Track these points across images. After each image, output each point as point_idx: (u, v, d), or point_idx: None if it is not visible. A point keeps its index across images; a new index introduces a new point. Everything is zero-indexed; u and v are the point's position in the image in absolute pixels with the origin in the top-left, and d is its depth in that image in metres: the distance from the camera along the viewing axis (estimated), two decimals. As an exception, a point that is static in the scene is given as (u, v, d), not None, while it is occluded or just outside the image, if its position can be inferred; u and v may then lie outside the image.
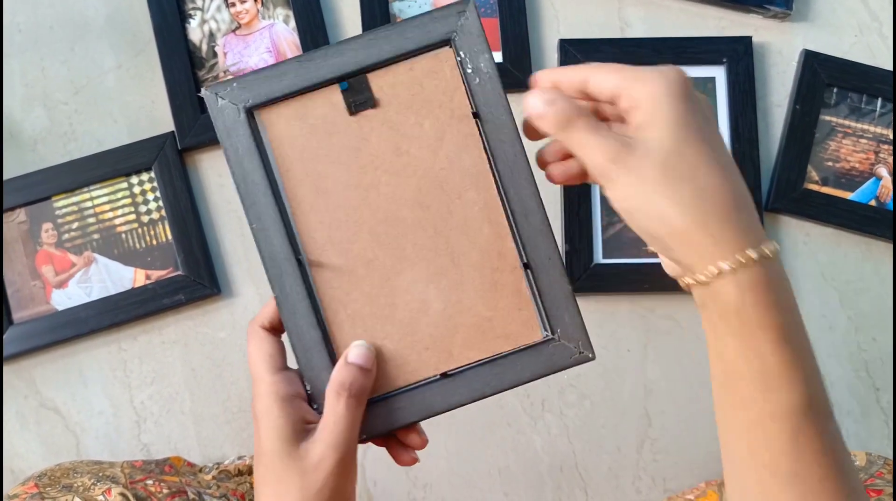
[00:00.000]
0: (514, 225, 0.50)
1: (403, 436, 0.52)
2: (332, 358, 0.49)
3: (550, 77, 0.47)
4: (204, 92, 0.49)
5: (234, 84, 0.49)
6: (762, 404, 0.42)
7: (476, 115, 0.50)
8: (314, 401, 0.49)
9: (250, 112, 0.49)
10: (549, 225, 0.50)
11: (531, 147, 0.49)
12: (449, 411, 0.50)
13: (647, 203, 0.41)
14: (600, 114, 0.49)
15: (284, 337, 0.50)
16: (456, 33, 0.50)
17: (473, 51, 0.50)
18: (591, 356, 0.50)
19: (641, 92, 0.42)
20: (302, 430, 0.47)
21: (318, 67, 0.49)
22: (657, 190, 0.41)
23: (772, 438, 0.42)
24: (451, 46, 0.50)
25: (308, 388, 0.49)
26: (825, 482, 0.41)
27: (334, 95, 0.50)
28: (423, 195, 0.50)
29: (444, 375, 0.50)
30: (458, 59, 0.50)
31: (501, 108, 0.50)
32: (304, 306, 0.49)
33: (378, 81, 0.50)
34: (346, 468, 0.47)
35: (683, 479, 0.93)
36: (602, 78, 0.44)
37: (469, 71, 0.50)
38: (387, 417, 0.49)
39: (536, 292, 0.50)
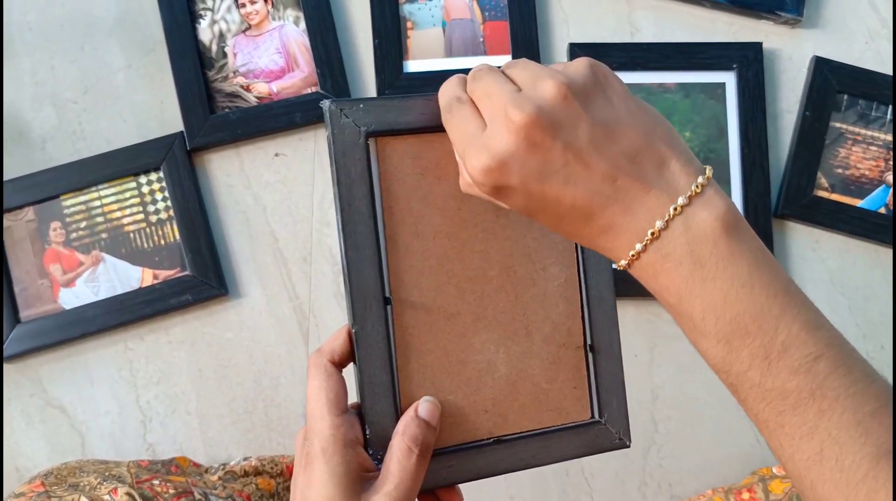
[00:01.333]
0: (586, 307, 0.51)
1: (443, 494, 0.51)
2: (396, 406, 0.48)
3: None
4: (327, 105, 0.46)
5: (361, 105, 0.47)
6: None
7: None
8: (371, 447, 0.47)
9: (368, 138, 0.47)
10: (617, 314, 0.51)
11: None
12: (493, 476, 0.50)
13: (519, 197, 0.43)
14: None
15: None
16: None
17: None
18: (628, 443, 0.51)
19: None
20: (361, 479, 0.45)
21: None
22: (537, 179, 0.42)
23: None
24: None
25: (367, 432, 0.47)
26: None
27: (451, 143, 0.48)
28: (512, 261, 0.50)
29: (497, 440, 0.50)
30: None
31: None
32: (382, 347, 0.47)
33: None
34: None
35: (689, 484, 0.93)
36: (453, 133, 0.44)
37: None
38: (436, 473, 0.49)
39: (593, 375, 0.51)
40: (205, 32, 0.96)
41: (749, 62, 0.97)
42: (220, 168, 0.96)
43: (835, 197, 0.96)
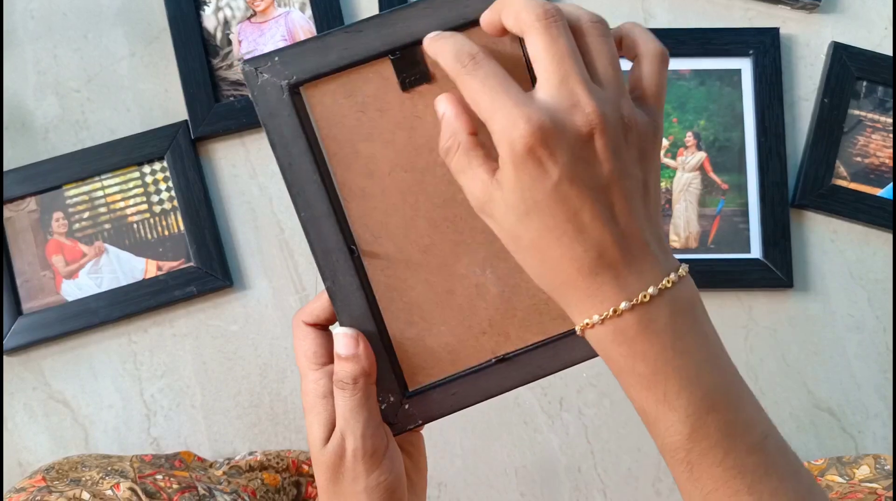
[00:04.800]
0: None
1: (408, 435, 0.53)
2: (388, 349, 0.48)
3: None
4: (242, 66, 0.44)
5: (276, 58, 0.44)
6: (655, 440, 0.43)
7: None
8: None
9: (294, 89, 0.45)
10: None
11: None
12: (503, 393, 0.49)
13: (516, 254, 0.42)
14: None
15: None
16: None
17: None
18: None
19: (496, 139, 0.39)
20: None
21: (367, 38, 0.45)
22: (514, 252, 0.42)
23: (674, 473, 0.43)
24: None
25: None
26: None
27: (385, 69, 0.45)
28: None
29: (501, 359, 0.48)
30: None
31: None
32: (358, 297, 0.47)
33: None
34: (370, 460, 0.46)
35: (704, 481, 0.91)
36: (474, 97, 0.40)
37: None
38: (442, 402, 0.48)
39: None
40: (209, 20, 0.95)
41: (766, 48, 0.94)
42: (226, 158, 0.95)
43: (853, 186, 0.94)
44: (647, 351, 0.40)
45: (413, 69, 0.45)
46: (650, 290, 0.40)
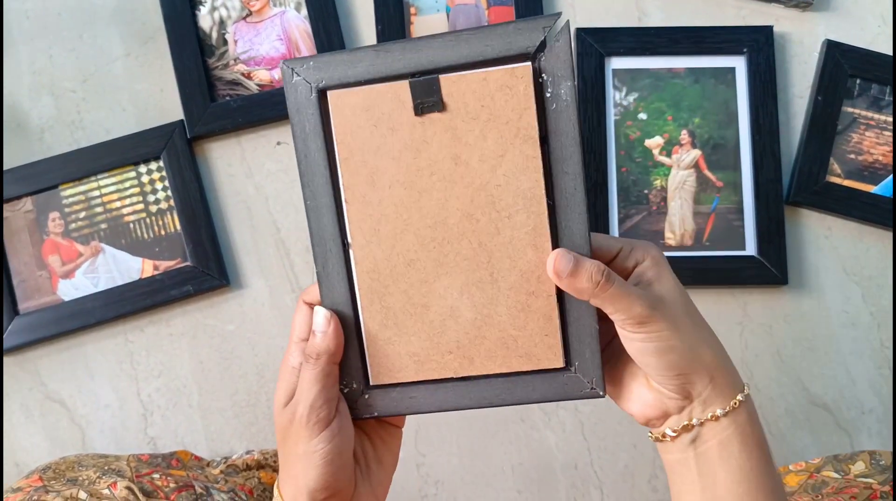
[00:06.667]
0: None
1: (389, 419, 0.56)
2: (360, 340, 0.51)
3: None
4: (282, 65, 0.50)
5: (311, 63, 0.49)
6: None
7: (544, 140, 0.49)
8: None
9: (322, 93, 0.49)
10: None
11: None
12: (457, 410, 0.52)
13: (682, 343, 0.48)
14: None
15: None
16: (543, 54, 0.48)
17: (557, 75, 0.48)
18: (601, 393, 0.52)
19: (646, 254, 0.50)
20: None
21: (393, 59, 0.49)
22: (690, 332, 0.49)
23: None
24: (532, 64, 0.49)
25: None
26: None
27: (403, 93, 0.49)
28: (474, 208, 0.50)
29: (462, 378, 0.52)
30: (540, 80, 0.49)
31: (572, 139, 0.49)
32: (343, 287, 0.51)
33: (449, 86, 0.49)
34: (312, 428, 0.50)
35: (700, 478, 0.91)
36: (605, 242, 0.51)
37: (548, 95, 0.49)
38: (400, 402, 0.52)
39: (564, 324, 0.51)
40: (205, 19, 0.95)
41: (759, 46, 0.95)
42: (221, 157, 0.95)
43: (848, 183, 0.94)
44: (754, 449, 0.50)
45: (429, 96, 0.49)
46: (746, 390, 0.51)
